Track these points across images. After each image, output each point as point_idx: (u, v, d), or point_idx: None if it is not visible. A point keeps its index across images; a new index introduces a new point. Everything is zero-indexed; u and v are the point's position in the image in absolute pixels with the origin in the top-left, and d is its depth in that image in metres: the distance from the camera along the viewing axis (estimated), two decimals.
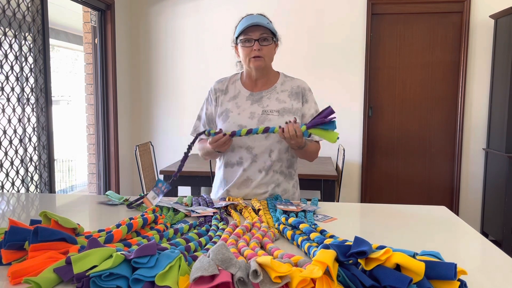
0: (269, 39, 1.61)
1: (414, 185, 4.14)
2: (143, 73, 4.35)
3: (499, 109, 3.65)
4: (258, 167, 1.66)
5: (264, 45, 1.60)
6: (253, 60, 1.61)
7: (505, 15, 3.54)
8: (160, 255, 0.83)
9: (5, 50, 2.71)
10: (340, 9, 4.01)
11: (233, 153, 1.68)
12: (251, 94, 1.69)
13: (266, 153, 1.65)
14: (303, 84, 1.73)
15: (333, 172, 3.10)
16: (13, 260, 0.94)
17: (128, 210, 1.48)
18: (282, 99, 1.67)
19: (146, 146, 3.73)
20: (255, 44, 1.59)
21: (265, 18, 1.65)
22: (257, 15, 1.65)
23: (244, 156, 1.66)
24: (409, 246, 1.08)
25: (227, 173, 1.71)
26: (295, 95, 1.69)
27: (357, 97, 4.06)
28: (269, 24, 1.61)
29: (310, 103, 1.71)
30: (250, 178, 1.66)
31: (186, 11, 4.22)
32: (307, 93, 1.71)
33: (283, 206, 1.43)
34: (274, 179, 1.68)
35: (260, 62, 1.61)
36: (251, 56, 1.61)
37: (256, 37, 1.59)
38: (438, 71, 4.01)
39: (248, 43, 1.60)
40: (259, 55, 1.60)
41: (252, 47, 1.59)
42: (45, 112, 3.06)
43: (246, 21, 1.61)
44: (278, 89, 1.70)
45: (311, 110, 1.69)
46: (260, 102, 1.67)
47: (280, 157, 1.68)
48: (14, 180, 2.79)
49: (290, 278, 0.77)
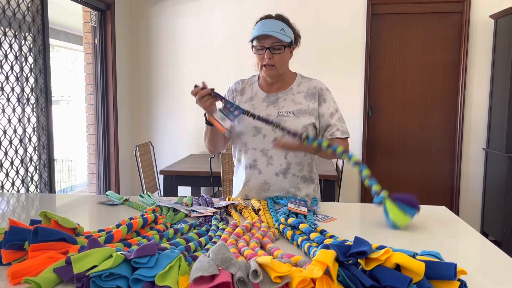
0: (281, 48, 1.58)
1: (414, 185, 4.13)
2: (143, 73, 4.35)
3: (499, 109, 3.65)
4: (275, 170, 1.64)
5: (275, 53, 1.57)
6: (265, 69, 1.60)
7: (505, 15, 3.54)
8: (160, 255, 0.83)
9: (5, 50, 2.71)
10: (340, 9, 4.01)
11: (247, 154, 1.67)
12: (267, 96, 1.68)
13: (281, 155, 1.63)
14: (320, 84, 1.70)
15: (333, 172, 3.09)
16: (13, 260, 0.94)
17: (128, 210, 1.48)
18: (298, 101, 1.65)
19: (146, 146, 3.73)
20: (266, 52, 1.57)
21: (280, 24, 1.58)
22: (272, 21, 1.59)
23: (258, 158, 1.65)
24: (409, 246, 1.08)
25: (243, 174, 1.70)
26: (311, 96, 1.66)
27: (357, 97, 4.06)
28: (281, 33, 1.55)
29: (329, 102, 1.67)
30: (267, 182, 1.65)
31: (186, 11, 4.22)
32: (324, 93, 1.68)
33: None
34: (294, 183, 1.66)
35: (272, 71, 1.60)
36: (263, 63, 1.60)
37: (268, 45, 1.56)
38: (438, 71, 4.01)
39: (261, 50, 1.59)
40: (270, 64, 1.58)
41: (263, 55, 1.58)
42: (45, 112, 3.06)
43: (260, 26, 1.58)
44: (294, 90, 1.68)
45: (330, 109, 1.66)
46: (276, 103, 1.66)
47: (299, 160, 1.66)
48: (14, 180, 2.79)
49: (290, 278, 0.77)
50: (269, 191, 1.65)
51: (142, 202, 1.56)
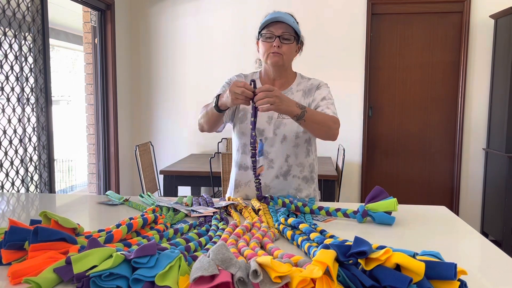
0: (291, 38, 1.56)
1: (414, 185, 4.14)
2: (143, 73, 4.35)
3: (499, 109, 3.65)
4: (275, 173, 1.63)
5: (284, 43, 1.55)
6: (272, 56, 1.56)
7: (505, 15, 3.54)
8: (160, 255, 0.83)
9: (5, 50, 2.71)
10: (340, 9, 4.01)
11: (247, 156, 1.65)
12: None
13: (282, 158, 1.62)
14: (317, 81, 1.69)
15: (333, 172, 3.09)
16: (13, 260, 0.94)
17: (128, 210, 1.48)
18: (297, 100, 1.63)
19: (146, 146, 3.73)
20: (276, 40, 1.54)
21: (292, 17, 1.60)
22: (284, 13, 1.59)
23: (259, 160, 1.61)
24: (409, 246, 1.08)
25: (241, 175, 1.68)
26: (308, 93, 1.66)
27: (357, 97, 4.06)
28: (294, 23, 1.56)
29: (323, 90, 1.65)
30: (267, 185, 1.64)
31: (186, 11, 4.22)
32: (321, 85, 1.67)
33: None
34: (295, 185, 1.65)
35: (278, 58, 1.56)
36: (270, 51, 1.56)
37: (278, 33, 1.54)
38: (438, 71, 4.01)
39: (269, 38, 1.56)
40: (278, 52, 1.55)
41: (272, 43, 1.55)
42: (45, 112, 3.06)
43: (271, 15, 1.57)
44: (294, 89, 1.67)
45: (322, 94, 1.63)
46: None
47: (300, 162, 1.64)
48: (14, 180, 2.79)
49: (290, 278, 0.77)
50: (270, 193, 1.64)
51: (142, 202, 1.56)
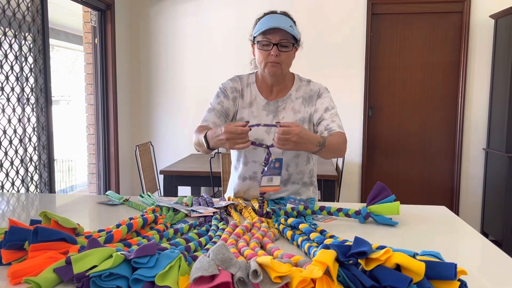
0: (289, 45, 1.49)
1: (414, 185, 4.14)
2: (143, 73, 4.35)
3: (499, 109, 3.65)
4: None
5: (283, 51, 1.48)
6: (270, 66, 1.50)
7: (505, 15, 3.54)
8: (160, 255, 0.83)
9: (5, 50, 2.71)
10: (340, 9, 4.01)
11: (247, 167, 1.63)
12: (267, 104, 1.61)
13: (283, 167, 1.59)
14: (318, 86, 1.63)
15: (333, 172, 3.09)
16: (13, 260, 0.94)
17: (128, 210, 1.48)
18: (297, 109, 1.60)
19: (146, 146, 3.73)
20: (274, 49, 1.47)
21: (288, 20, 1.50)
22: (280, 16, 1.50)
23: (259, 170, 1.60)
24: (409, 246, 1.08)
25: (240, 186, 1.66)
26: (308, 100, 1.60)
27: (357, 97, 4.06)
28: (291, 28, 1.47)
29: (325, 98, 1.59)
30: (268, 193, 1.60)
31: (186, 11, 4.22)
32: (322, 92, 1.61)
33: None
34: (294, 190, 1.64)
35: (276, 68, 1.50)
36: (268, 61, 1.50)
37: (275, 41, 1.46)
38: (438, 71, 4.01)
39: (266, 46, 1.48)
40: (276, 61, 1.49)
41: (269, 51, 1.48)
42: (45, 112, 3.06)
43: (267, 20, 1.48)
44: (293, 96, 1.61)
45: (325, 104, 1.58)
46: (276, 114, 1.60)
47: (301, 169, 1.62)
48: (14, 180, 2.79)
49: (290, 278, 0.77)
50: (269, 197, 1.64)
51: (142, 202, 1.56)
